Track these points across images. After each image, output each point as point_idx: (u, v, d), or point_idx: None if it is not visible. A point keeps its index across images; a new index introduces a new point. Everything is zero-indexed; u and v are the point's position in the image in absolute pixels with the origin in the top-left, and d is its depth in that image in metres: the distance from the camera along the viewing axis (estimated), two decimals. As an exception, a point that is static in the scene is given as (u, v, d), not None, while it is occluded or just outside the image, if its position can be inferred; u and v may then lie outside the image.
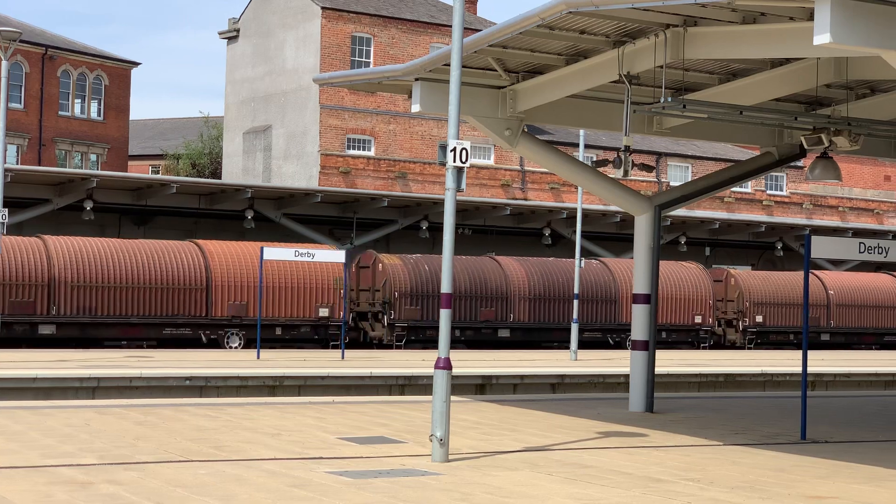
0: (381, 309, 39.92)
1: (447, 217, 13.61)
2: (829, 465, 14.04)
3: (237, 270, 36.67)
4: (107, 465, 12.48)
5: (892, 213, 72.03)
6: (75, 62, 64.44)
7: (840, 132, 18.26)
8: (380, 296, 39.91)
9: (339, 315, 37.40)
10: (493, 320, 41.26)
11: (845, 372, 33.45)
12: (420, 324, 39.66)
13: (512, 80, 19.36)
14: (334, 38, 57.16)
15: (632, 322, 20.38)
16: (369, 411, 18.68)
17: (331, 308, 37.78)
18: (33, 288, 33.58)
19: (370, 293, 40.20)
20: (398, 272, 39.76)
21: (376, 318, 40.31)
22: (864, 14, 12.26)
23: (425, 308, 39.69)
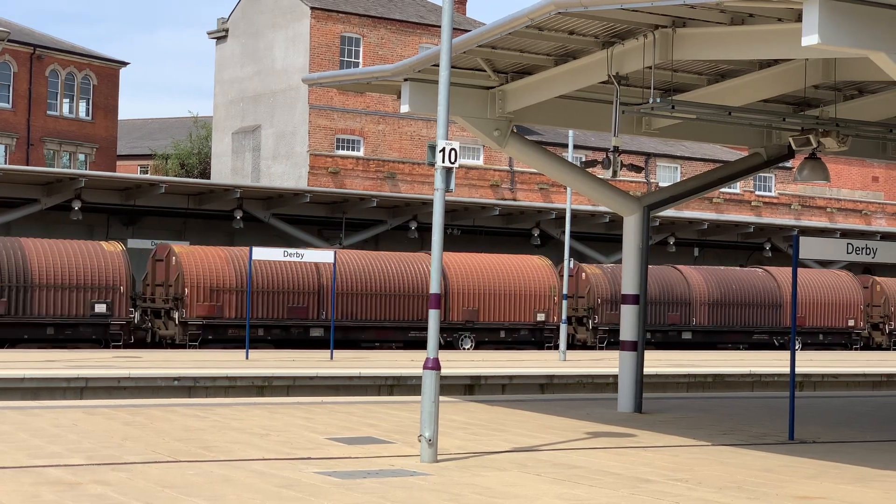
0: (585, 314, 43.36)
1: (436, 217, 13.61)
2: (817, 465, 14.07)
3: (472, 279, 40.63)
4: (95, 465, 12.45)
5: (880, 214, 72.22)
6: (64, 62, 64.30)
7: (828, 133, 18.30)
8: (584, 302, 43.46)
9: (554, 319, 40.85)
10: (677, 324, 44.63)
11: (833, 372, 33.52)
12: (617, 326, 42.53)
13: (501, 81, 19.37)
14: (323, 38, 57.13)
15: (620, 322, 20.40)
16: (358, 412, 18.68)
17: (546, 313, 41.33)
18: (307, 295, 37.98)
19: (574, 300, 43.20)
20: (600, 280, 43.41)
21: (580, 322, 43.71)
22: (852, 15, 12.29)
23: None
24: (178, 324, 36.19)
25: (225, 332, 36.61)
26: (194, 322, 36.16)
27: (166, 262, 37.08)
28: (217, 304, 36.43)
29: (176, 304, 36.24)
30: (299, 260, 32.35)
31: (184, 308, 36.11)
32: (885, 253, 16.64)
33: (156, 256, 37.88)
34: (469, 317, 40.37)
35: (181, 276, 36.19)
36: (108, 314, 35.18)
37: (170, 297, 36.57)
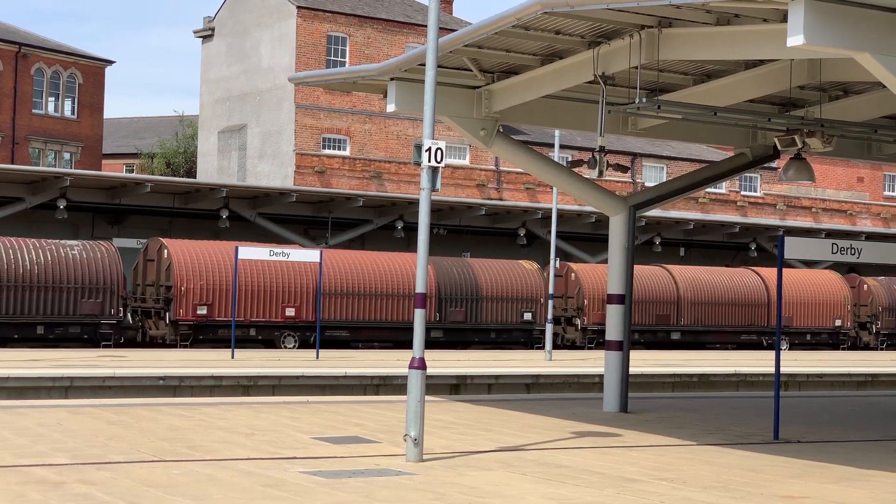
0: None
1: (422, 217, 13.61)
2: (802, 464, 14.11)
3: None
4: (80, 464, 12.42)
5: (865, 214, 72.44)
6: (49, 60, 64.10)
7: (813, 133, 18.35)
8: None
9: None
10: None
11: (818, 372, 33.62)
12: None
13: (487, 81, 19.37)
14: (310, 37, 57.06)
15: (606, 322, 20.42)
16: (343, 411, 18.67)
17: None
18: (665, 305, 44.77)
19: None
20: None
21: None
22: (837, 16, 12.33)
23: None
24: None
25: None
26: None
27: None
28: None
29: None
30: (285, 259, 32.28)
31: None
32: (870, 253, 16.69)
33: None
34: None
35: None
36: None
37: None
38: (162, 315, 36.39)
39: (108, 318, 35.05)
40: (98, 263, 35.17)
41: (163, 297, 36.24)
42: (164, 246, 36.58)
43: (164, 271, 36.40)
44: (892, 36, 12.60)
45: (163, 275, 36.48)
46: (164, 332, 36.27)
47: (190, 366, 26.98)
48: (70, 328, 34.86)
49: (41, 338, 34.32)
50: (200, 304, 36.11)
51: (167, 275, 36.26)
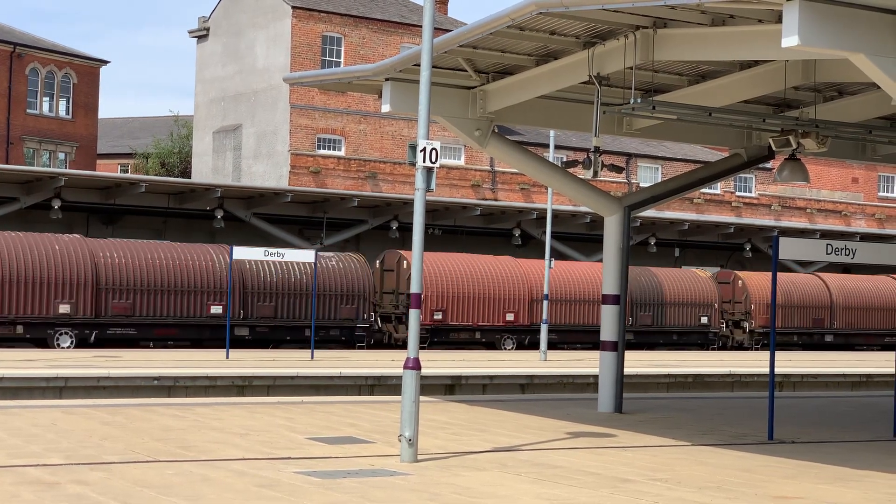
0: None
1: (417, 217, 13.61)
2: (796, 465, 14.12)
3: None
4: (73, 465, 12.41)
5: (860, 214, 72.52)
6: (44, 60, 64.05)
7: (808, 134, 18.36)
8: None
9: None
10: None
11: (813, 373, 33.65)
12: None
13: (482, 81, 19.38)
14: (305, 37, 57.05)
15: (601, 323, 20.42)
16: (338, 411, 18.66)
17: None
18: (820, 309, 47.49)
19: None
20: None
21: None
22: (832, 17, 12.34)
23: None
24: (745, 332, 40.20)
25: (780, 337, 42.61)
26: (759, 330, 41.97)
27: (732, 285, 42.51)
28: None
29: (745, 316, 40.07)
30: (279, 259, 32.25)
31: (752, 320, 43.77)
32: (864, 254, 16.70)
33: (384, 266, 41.12)
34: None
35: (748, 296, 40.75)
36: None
37: (736, 312, 41.07)
38: (403, 321, 39.78)
39: (362, 322, 38.67)
40: (353, 273, 38.55)
41: (402, 304, 39.91)
42: (403, 258, 40.32)
43: (405, 280, 39.81)
44: (886, 36, 12.61)
45: (403, 284, 40.12)
46: (404, 336, 39.03)
47: (184, 366, 26.96)
48: (331, 331, 38.34)
49: (307, 339, 36.06)
50: (437, 310, 40.06)
51: (407, 284, 38.57)
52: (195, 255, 36.40)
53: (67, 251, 34.43)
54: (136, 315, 35.21)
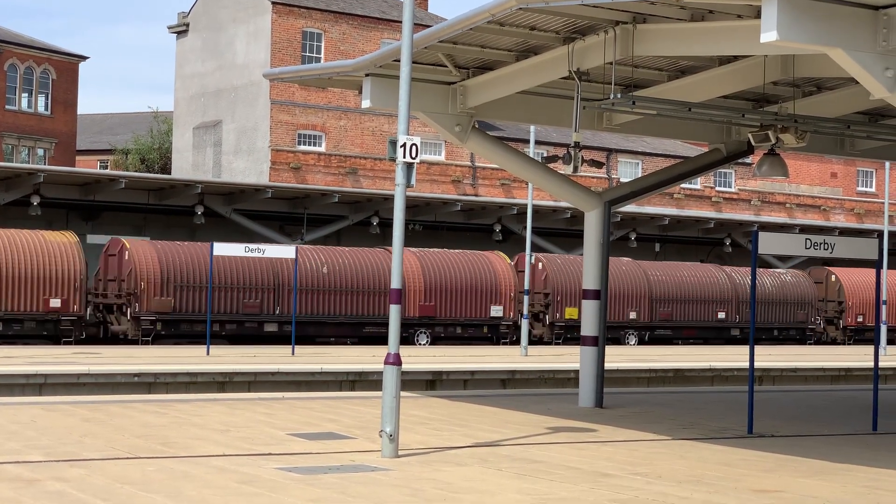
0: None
1: (397, 213, 13.60)
2: (775, 458, 14.17)
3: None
4: (53, 462, 12.37)
5: (839, 209, 72.82)
6: (22, 56, 63.75)
7: (787, 129, 18.43)
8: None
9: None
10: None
11: (792, 367, 33.78)
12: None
13: (462, 76, 19.37)
14: (285, 33, 56.93)
15: (581, 318, 20.45)
16: (319, 407, 18.65)
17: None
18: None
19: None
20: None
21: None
22: (811, 12, 12.39)
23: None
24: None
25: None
26: None
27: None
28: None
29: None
30: (260, 255, 32.21)
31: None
32: (843, 248, 16.77)
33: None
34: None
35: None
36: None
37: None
38: None
39: None
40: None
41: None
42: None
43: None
44: (864, 32, 12.67)
45: None
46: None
47: (164, 362, 26.90)
48: None
49: None
50: None
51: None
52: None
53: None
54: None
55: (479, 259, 42.26)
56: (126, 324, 36.75)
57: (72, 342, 35.05)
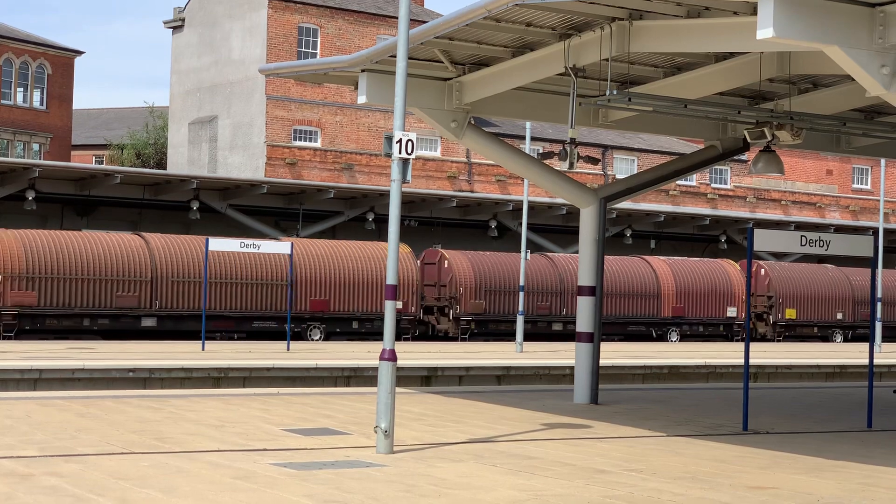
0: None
1: (392, 209, 13.60)
2: (770, 455, 14.19)
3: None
4: (48, 457, 12.36)
5: (834, 206, 72.86)
6: (18, 50, 63.65)
7: (782, 126, 18.43)
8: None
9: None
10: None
11: (787, 364, 33.80)
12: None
13: (458, 72, 19.36)
14: (281, 28, 56.87)
15: (577, 314, 20.46)
16: (314, 403, 18.64)
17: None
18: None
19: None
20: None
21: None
22: (807, 9, 12.39)
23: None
24: None
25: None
26: None
27: None
28: None
29: None
30: (255, 251, 32.14)
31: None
32: (838, 245, 16.78)
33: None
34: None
35: None
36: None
37: None
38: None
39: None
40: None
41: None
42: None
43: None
44: (860, 29, 12.67)
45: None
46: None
47: (160, 358, 26.89)
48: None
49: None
50: None
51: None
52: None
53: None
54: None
55: (715, 266, 48.00)
56: (447, 323, 42.20)
57: (409, 339, 39.58)
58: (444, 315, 42.56)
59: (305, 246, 39.07)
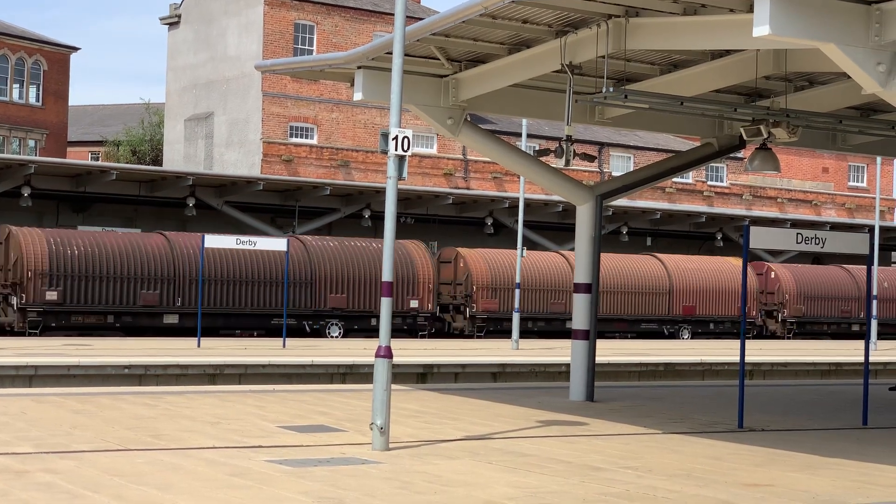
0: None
1: (389, 206, 13.58)
2: (766, 453, 14.19)
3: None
4: (43, 453, 12.34)
5: (830, 204, 72.91)
6: (14, 46, 63.56)
7: (778, 124, 18.43)
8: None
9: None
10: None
11: (782, 361, 33.82)
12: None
13: (455, 69, 19.35)
14: (277, 25, 56.83)
15: (573, 311, 20.46)
16: (310, 400, 18.63)
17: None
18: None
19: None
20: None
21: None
22: (803, 6, 12.39)
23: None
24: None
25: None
26: None
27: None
28: None
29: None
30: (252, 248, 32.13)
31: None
32: (834, 243, 16.79)
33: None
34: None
35: None
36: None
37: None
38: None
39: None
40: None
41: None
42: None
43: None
44: (857, 26, 12.67)
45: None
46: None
47: (155, 354, 26.87)
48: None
49: None
50: None
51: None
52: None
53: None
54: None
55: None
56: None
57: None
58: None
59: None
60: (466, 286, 42.56)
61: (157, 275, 36.19)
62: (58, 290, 34.82)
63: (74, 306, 35.11)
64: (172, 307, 36.39)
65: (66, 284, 34.98)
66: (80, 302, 35.24)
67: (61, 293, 34.84)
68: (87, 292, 35.30)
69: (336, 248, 39.63)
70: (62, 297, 34.89)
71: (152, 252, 36.28)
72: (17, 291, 34.98)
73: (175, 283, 36.42)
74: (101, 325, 35.61)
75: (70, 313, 35.19)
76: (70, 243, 35.42)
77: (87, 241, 35.75)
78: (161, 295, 36.18)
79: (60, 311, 34.99)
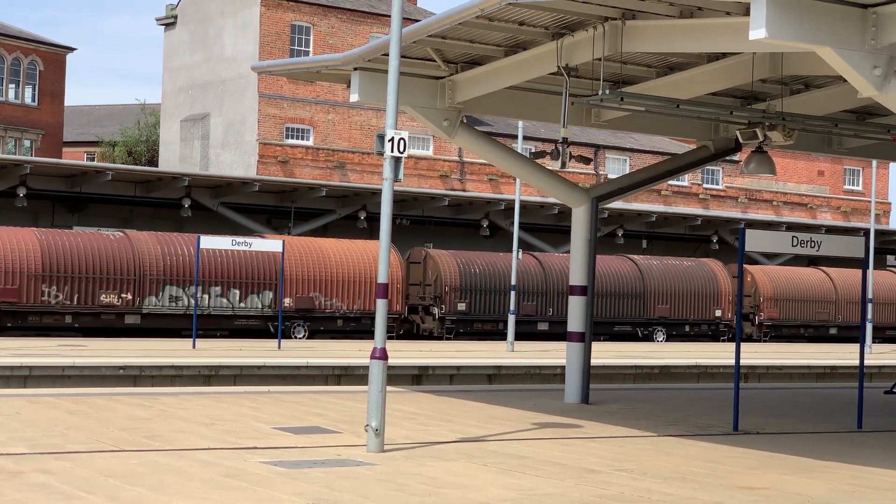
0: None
1: (384, 207, 13.59)
2: (761, 455, 14.20)
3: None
4: (38, 454, 12.33)
5: (825, 207, 72.96)
6: (10, 47, 63.50)
7: (774, 127, 18.45)
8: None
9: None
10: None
11: (777, 364, 33.85)
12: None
13: (451, 71, 19.35)
14: (273, 26, 56.81)
15: (568, 314, 20.46)
16: (305, 401, 18.62)
17: None
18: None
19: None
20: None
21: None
22: (799, 10, 12.40)
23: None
24: None
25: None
26: None
27: None
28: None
29: None
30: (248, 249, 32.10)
31: None
32: (829, 246, 16.81)
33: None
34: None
35: None
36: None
37: None
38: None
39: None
40: None
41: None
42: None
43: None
44: (853, 30, 12.69)
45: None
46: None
47: (150, 355, 26.84)
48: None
49: None
50: None
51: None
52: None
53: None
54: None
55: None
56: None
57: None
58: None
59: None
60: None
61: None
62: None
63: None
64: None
65: None
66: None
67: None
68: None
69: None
70: None
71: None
72: None
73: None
74: None
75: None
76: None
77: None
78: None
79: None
